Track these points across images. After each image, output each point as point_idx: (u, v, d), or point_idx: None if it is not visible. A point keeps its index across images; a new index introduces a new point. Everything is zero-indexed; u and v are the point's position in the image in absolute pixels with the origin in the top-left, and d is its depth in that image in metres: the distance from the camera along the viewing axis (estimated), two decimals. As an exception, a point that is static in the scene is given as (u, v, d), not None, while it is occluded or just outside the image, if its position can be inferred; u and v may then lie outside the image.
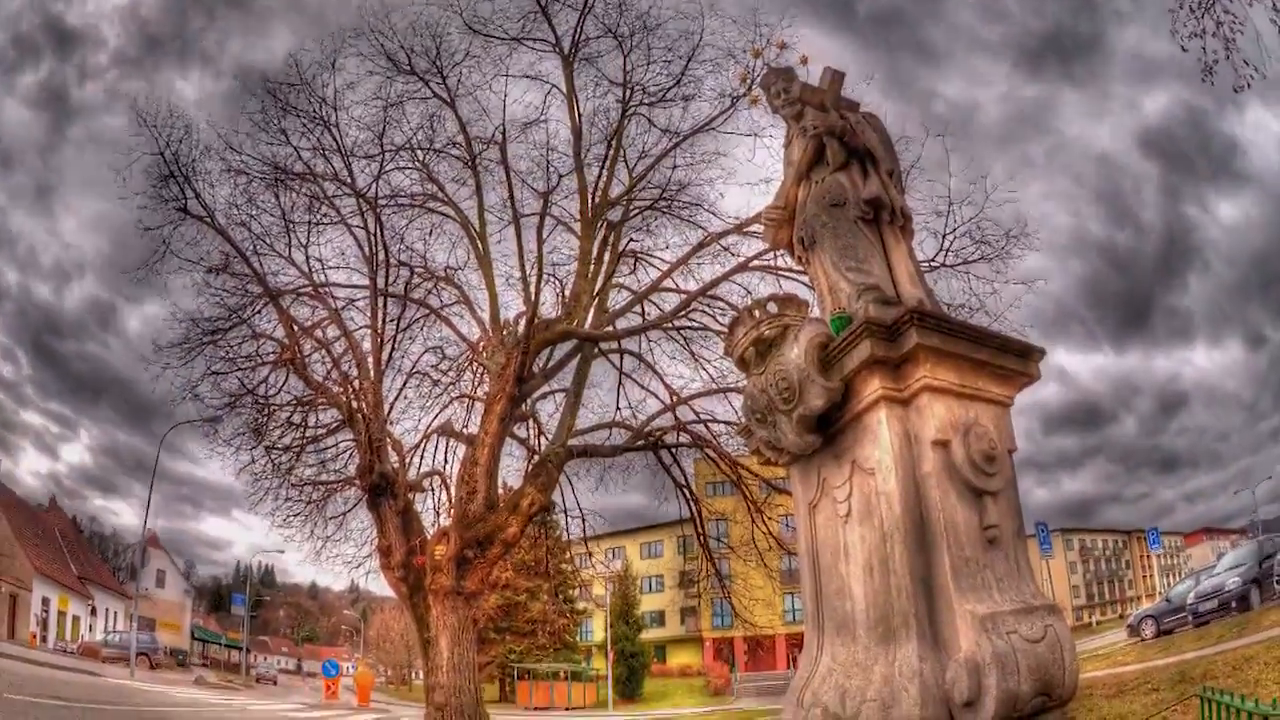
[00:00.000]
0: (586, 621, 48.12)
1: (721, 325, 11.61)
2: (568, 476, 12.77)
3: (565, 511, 13.53)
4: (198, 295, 11.87)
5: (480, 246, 12.59)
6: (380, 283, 11.42)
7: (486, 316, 12.48)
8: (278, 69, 12.14)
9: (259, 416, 12.41)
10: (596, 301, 12.60)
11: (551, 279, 13.03)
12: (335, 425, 12.74)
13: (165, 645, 36.23)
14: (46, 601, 35.14)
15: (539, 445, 12.93)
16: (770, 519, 13.04)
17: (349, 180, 11.85)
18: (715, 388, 12.57)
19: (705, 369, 12.98)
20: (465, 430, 12.68)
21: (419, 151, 12.65)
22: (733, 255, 12.39)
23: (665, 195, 12.96)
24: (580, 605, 42.39)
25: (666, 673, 49.01)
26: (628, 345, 13.31)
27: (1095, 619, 55.89)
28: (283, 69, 11.88)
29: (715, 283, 12.00)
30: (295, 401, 12.61)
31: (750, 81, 6.63)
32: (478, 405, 12.86)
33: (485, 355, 12.25)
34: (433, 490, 13.21)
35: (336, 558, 13.58)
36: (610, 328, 12.77)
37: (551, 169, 12.88)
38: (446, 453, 13.36)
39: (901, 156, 6.54)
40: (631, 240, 13.44)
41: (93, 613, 41.11)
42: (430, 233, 13.41)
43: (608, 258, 12.76)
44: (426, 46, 12.05)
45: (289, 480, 12.62)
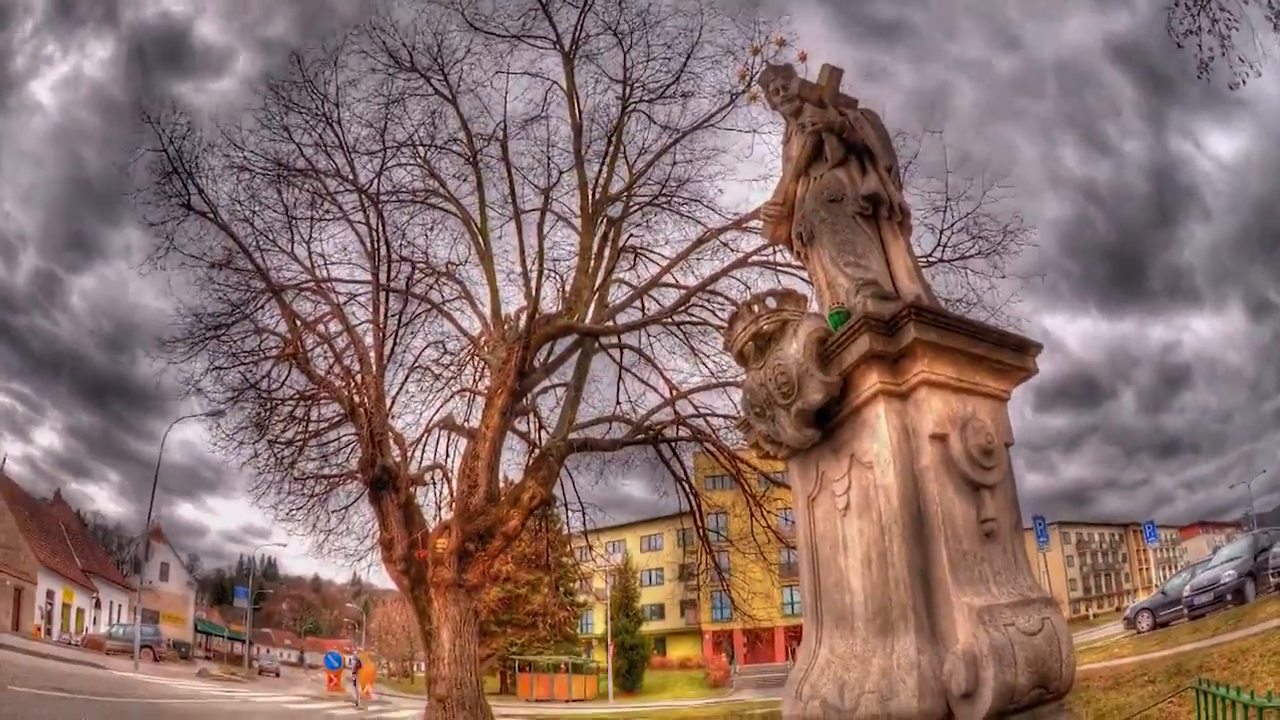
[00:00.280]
0: (587, 614, 48.29)
1: (721, 320, 11.63)
2: (568, 470, 12.83)
3: (566, 505, 13.60)
4: (201, 290, 11.92)
5: (481, 242, 12.61)
6: (382, 278, 11.43)
7: (488, 311, 12.51)
8: (280, 68, 12.07)
9: (262, 411, 12.47)
10: (597, 296, 12.63)
11: (552, 274, 13.07)
12: (337, 419, 12.80)
13: (169, 638, 36.45)
14: (51, 594, 35.28)
15: (540, 439, 12.98)
16: (769, 513, 13.08)
17: (351, 176, 11.87)
18: (714, 382, 12.62)
19: (704, 364, 13.04)
20: (466, 424, 12.71)
21: (421, 148, 12.68)
22: (732, 251, 12.42)
23: (665, 191, 13.01)
24: (581, 598, 42.47)
25: (666, 665, 49.25)
26: (628, 340, 13.35)
27: (1092, 612, 56.09)
28: (285, 67, 11.91)
29: (714, 278, 12.02)
30: (298, 396, 12.65)
31: (749, 78, 6.62)
32: (479, 399, 12.90)
33: (486, 350, 12.28)
34: (434, 484, 13.25)
35: (339, 551, 13.65)
36: (610, 323, 12.80)
37: (552, 165, 12.93)
38: (448, 447, 13.41)
39: (899, 152, 6.55)
40: (631, 236, 13.47)
41: (97, 606, 41.28)
42: (432, 228, 13.47)
43: (608, 253, 12.77)
44: (428, 44, 12.09)
45: (292, 474, 12.68)
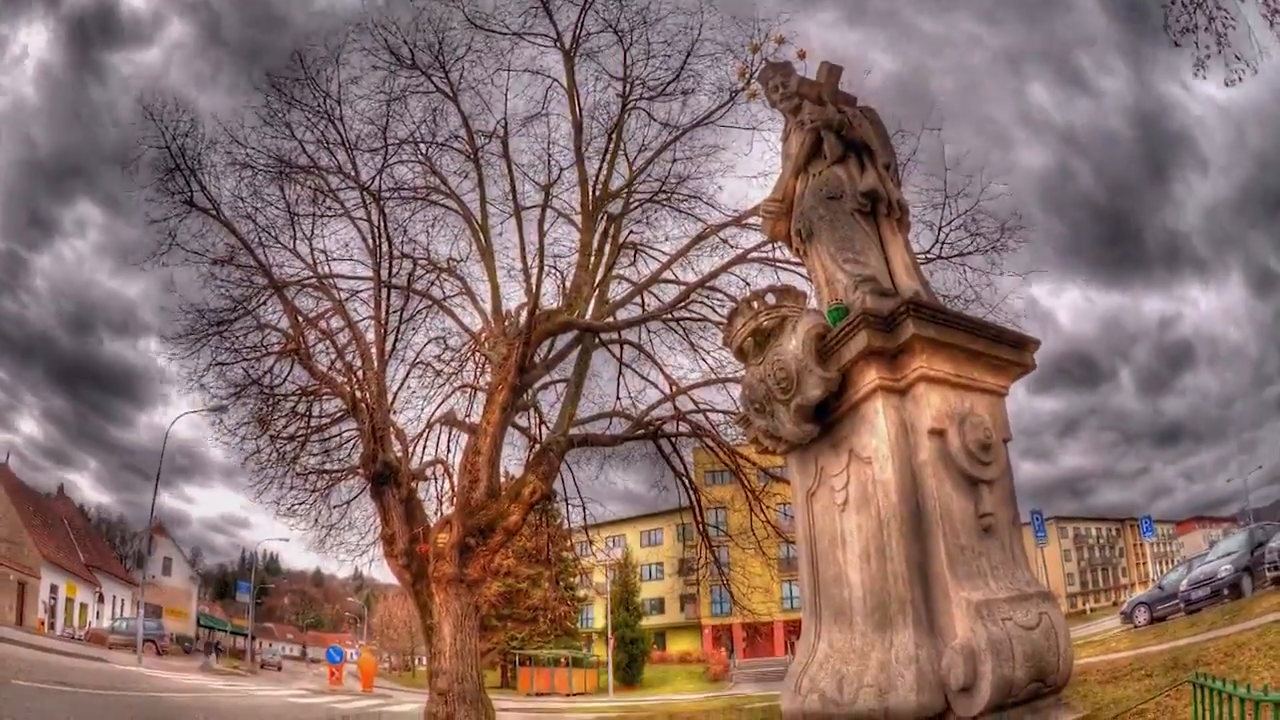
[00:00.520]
0: (587, 608, 48.46)
1: (720, 316, 11.65)
2: (568, 465, 12.83)
3: (566, 500, 13.61)
4: (203, 286, 11.93)
5: (482, 239, 12.62)
6: (384, 274, 11.43)
7: (488, 307, 12.52)
8: (283, 64, 12.07)
9: (264, 406, 12.48)
10: (597, 293, 12.63)
11: (553, 271, 13.06)
12: (339, 415, 12.82)
13: (172, 632, 36.58)
14: (55, 589, 35.40)
15: (540, 434, 13.00)
16: (768, 507, 13.10)
17: (353, 173, 11.86)
18: (714, 378, 12.63)
19: (704, 359, 13.02)
20: (467, 420, 12.72)
21: (422, 145, 12.66)
22: (731, 247, 12.40)
23: (665, 188, 12.99)
24: (581, 592, 42.61)
25: (666, 659, 49.42)
26: (628, 336, 13.34)
27: (1089, 606, 56.32)
28: (287, 64, 11.89)
29: (714, 274, 12.02)
30: (300, 391, 12.66)
31: (749, 76, 6.63)
32: (480, 395, 12.92)
33: (487, 346, 12.30)
34: (435, 479, 13.25)
35: (341, 546, 13.65)
36: (610, 319, 12.80)
37: (553, 162, 12.92)
38: (449, 442, 13.39)
39: (898, 150, 6.57)
40: (631, 232, 13.46)
41: (100, 600, 41.41)
42: (433, 225, 13.44)
43: (608, 250, 12.77)
44: (429, 41, 12.05)
45: (294, 469, 12.69)
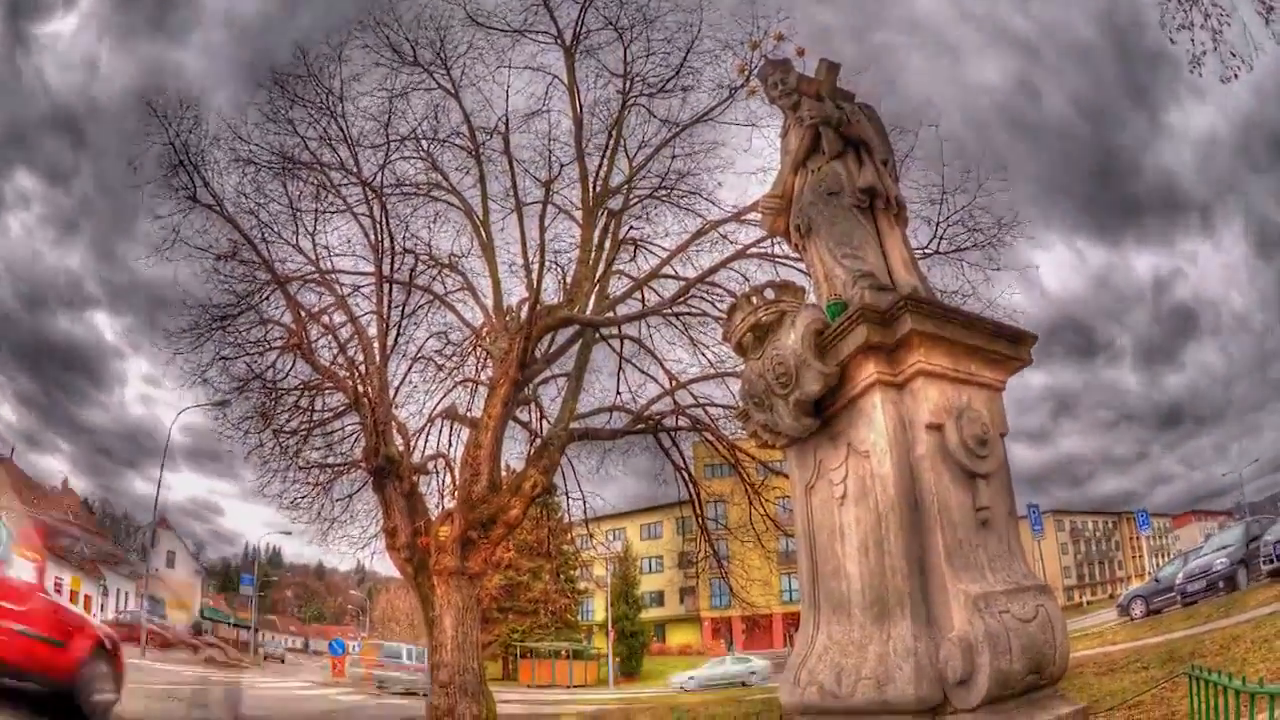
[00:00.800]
0: (587, 601, 48.60)
1: (720, 311, 11.66)
2: (569, 459, 12.87)
3: (567, 493, 13.65)
4: (206, 282, 11.95)
5: (483, 234, 12.65)
6: (385, 269, 11.45)
7: (490, 303, 12.55)
8: (286, 61, 12.10)
9: (267, 401, 12.51)
10: (597, 288, 12.66)
11: (553, 266, 13.07)
12: (341, 409, 12.83)
13: (175, 624, 36.75)
14: (59, 581, 35.53)
15: (541, 429, 13.05)
16: (767, 501, 13.14)
17: (355, 169, 11.87)
18: (713, 372, 12.65)
19: (704, 354, 13.03)
20: (469, 414, 12.77)
21: (424, 141, 12.68)
22: (731, 243, 12.41)
23: (665, 184, 13.00)
24: (581, 585, 42.69)
25: (666, 651, 49.69)
26: (628, 331, 13.37)
27: (1086, 599, 56.58)
28: (290, 61, 11.93)
29: (713, 269, 12.03)
30: (302, 386, 12.68)
31: (748, 73, 6.67)
32: (481, 389, 12.97)
33: (489, 340, 12.34)
34: (437, 473, 13.31)
35: (343, 539, 13.72)
36: (611, 313, 12.83)
37: (553, 158, 12.93)
38: (450, 436, 13.44)
39: (896, 146, 6.59)
40: (632, 228, 13.47)
41: (104, 593, 41.58)
42: (434, 221, 13.44)
43: (608, 245, 12.80)
44: (431, 39, 12.10)
45: (296, 463, 12.73)
